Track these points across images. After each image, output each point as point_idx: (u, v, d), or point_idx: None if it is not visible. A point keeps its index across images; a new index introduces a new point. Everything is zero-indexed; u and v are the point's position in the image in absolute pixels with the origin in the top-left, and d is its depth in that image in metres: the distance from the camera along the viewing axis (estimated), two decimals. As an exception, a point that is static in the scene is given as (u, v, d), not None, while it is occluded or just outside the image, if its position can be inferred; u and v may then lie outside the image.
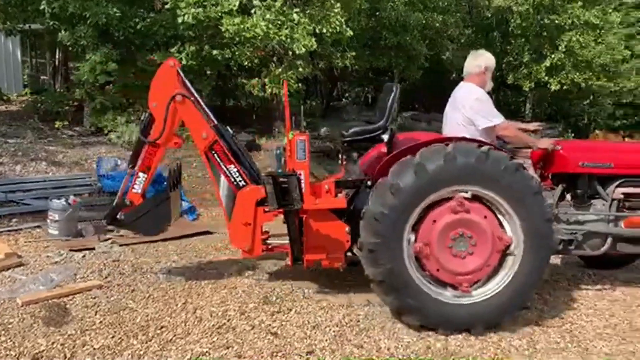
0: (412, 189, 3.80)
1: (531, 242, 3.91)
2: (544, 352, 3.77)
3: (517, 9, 17.23)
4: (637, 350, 3.80)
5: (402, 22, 12.76)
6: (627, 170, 4.59)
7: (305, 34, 8.72)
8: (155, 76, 4.66)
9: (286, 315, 4.28)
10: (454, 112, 4.60)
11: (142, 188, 4.70)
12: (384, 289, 3.96)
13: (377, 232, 3.84)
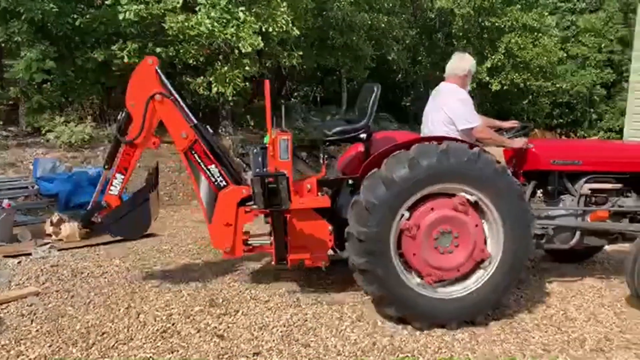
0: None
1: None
2: (485, 344, 3.88)
3: (459, 12, 17.73)
4: (571, 340, 3.97)
5: (349, 22, 12.86)
6: (594, 167, 4.79)
7: (251, 33, 8.65)
8: (133, 75, 4.50)
9: (233, 317, 4.23)
10: (436, 111, 4.66)
11: (119, 190, 4.58)
12: (368, 279, 3.98)
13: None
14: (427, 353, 3.74)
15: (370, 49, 14.33)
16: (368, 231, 3.88)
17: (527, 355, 3.74)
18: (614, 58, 22.69)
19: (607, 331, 4.13)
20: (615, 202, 4.85)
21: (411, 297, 3.99)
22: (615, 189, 4.84)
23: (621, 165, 4.82)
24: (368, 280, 3.99)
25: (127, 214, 4.59)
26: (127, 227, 4.67)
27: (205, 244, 6.12)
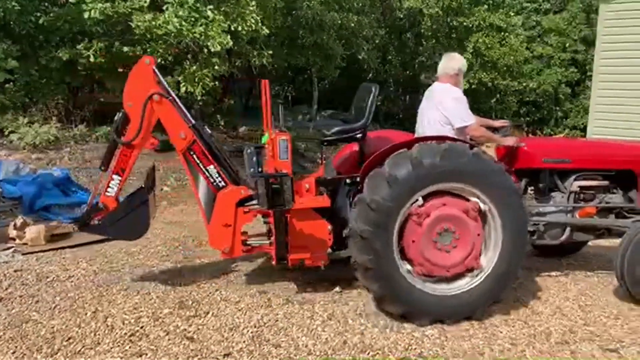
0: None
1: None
2: (454, 339, 3.94)
3: (428, 12, 17.90)
4: (538, 333, 4.06)
5: (318, 21, 12.85)
6: (583, 165, 4.95)
7: (220, 32, 8.56)
8: (130, 75, 4.45)
9: (203, 319, 4.19)
10: (432, 111, 4.72)
11: (116, 191, 4.51)
12: (370, 277, 4.03)
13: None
14: (397, 350, 3.77)
15: (340, 48, 14.35)
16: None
17: (494, 349, 3.81)
18: (578, 57, 23.21)
19: (572, 324, 4.23)
20: (603, 198, 5.02)
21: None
22: (602, 186, 5.03)
23: (608, 163, 4.99)
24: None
25: (126, 216, 4.53)
26: (126, 229, 4.59)
27: (175, 245, 6.05)
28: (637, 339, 4.01)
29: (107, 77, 10.31)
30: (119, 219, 4.52)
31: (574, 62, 23.60)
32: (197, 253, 5.81)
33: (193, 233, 6.51)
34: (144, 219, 4.61)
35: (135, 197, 4.66)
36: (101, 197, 4.55)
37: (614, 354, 3.79)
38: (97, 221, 4.58)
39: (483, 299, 4.18)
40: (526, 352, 3.78)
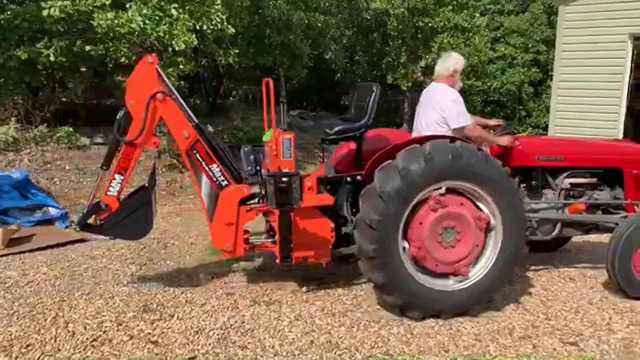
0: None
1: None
2: (419, 336, 3.97)
3: (394, 12, 18.05)
4: (501, 329, 4.13)
5: (285, 20, 12.80)
6: (573, 163, 5.12)
7: (184, 30, 8.45)
8: (133, 73, 4.39)
9: (167, 322, 4.13)
10: (430, 111, 4.78)
11: (118, 191, 4.44)
12: (374, 266, 4.08)
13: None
14: (364, 348, 3.79)
15: (307, 48, 14.33)
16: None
17: (459, 345, 3.86)
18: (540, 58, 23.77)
19: (534, 319, 4.32)
20: (591, 195, 5.20)
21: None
22: (591, 183, 5.21)
23: (597, 161, 5.17)
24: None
25: (130, 216, 4.46)
26: (129, 229, 4.52)
27: (139, 248, 5.94)
28: (596, 331, 4.13)
29: (68, 77, 10.03)
30: (122, 219, 4.45)
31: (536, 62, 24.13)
32: (162, 255, 5.73)
33: (158, 235, 6.40)
34: (148, 218, 4.55)
35: (139, 196, 4.61)
36: (103, 196, 4.47)
37: (574, 347, 3.88)
38: (98, 221, 4.49)
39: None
40: (490, 348, 3.84)
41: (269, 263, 5.49)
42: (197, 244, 6.15)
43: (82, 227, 4.56)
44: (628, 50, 8.69)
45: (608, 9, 8.72)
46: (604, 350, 3.85)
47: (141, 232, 4.62)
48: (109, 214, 4.44)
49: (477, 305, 4.33)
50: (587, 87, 8.80)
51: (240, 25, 11.44)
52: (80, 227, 4.56)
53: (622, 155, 5.21)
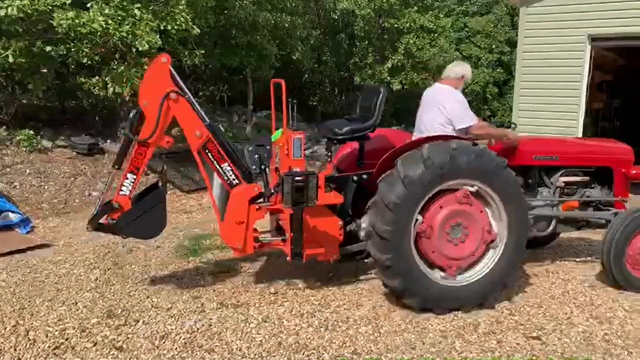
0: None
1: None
2: (387, 335, 4.01)
3: (360, 13, 18.16)
4: (466, 325, 4.20)
5: (252, 21, 12.73)
6: (568, 162, 5.33)
7: (148, 30, 8.32)
8: (146, 73, 4.43)
9: (132, 327, 4.06)
10: (433, 112, 4.86)
11: (130, 190, 4.41)
12: (391, 274, 4.22)
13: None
14: (331, 348, 3.80)
15: (274, 49, 14.28)
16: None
17: (426, 343, 3.91)
18: (504, 58, 24.26)
19: (498, 314, 4.41)
20: (584, 193, 5.42)
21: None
22: (584, 181, 5.43)
23: (589, 160, 5.39)
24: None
25: (144, 214, 4.44)
26: (143, 228, 4.51)
27: (104, 252, 5.82)
28: (558, 325, 4.24)
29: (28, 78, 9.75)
30: (136, 218, 4.44)
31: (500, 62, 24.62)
32: (128, 260, 5.62)
33: (123, 239, 6.27)
34: (161, 217, 4.54)
35: (153, 195, 4.58)
36: (115, 196, 4.44)
37: (536, 342, 3.97)
38: (110, 221, 4.47)
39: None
40: (456, 344, 3.90)
41: (236, 265, 5.46)
42: (164, 247, 6.07)
43: (94, 227, 4.56)
44: (586, 51, 8.94)
45: (567, 10, 8.96)
46: (565, 343, 3.95)
47: (155, 231, 4.63)
48: (123, 213, 4.43)
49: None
50: (547, 87, 9.03)
51: (205, 25, 11.32)
52: (93, 227, 4.56)
53: (611, 155, 5.46)
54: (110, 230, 4.60)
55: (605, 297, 4.83)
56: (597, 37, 8.87)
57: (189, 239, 6.29)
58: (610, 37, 8.86)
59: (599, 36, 8.86)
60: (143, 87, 4.41)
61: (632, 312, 4.51)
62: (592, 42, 8.93)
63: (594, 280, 5.26)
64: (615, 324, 4.30)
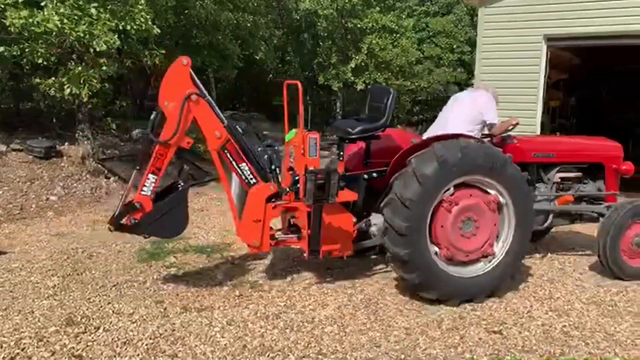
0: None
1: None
2: (352, 334, 4.02)
3: (323, 13, 18.20)
4: (430, 322, 4.25)
5: (213, 21, 12.62)
6: (564, 159, 5.65)
7: (106, 30, 8.13)
8: (167, 75, 4.44)
9: (93, 334, 3.95)
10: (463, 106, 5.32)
11: (152, 190, 4.44)
12: (409, 268, 4.37)
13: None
14: (297, 349, 3.78)
15: (237, 48, 14.19)
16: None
17: (391, 340, 3.94)
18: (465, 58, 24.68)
19: (461, 311, 4.47)
20: (578, 188, 5.76)
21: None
22: (578, 177, 5.76)
23: (584, 157, 5.72)
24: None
25: (167, 214, 4.49)
26: (166, 227, 4.56)
27: (63, 258, 5.66)
28: (518, 319, 4.33)
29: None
30: (159, 217, 4.47)
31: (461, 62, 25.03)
32: (88, 265, 5.48)
33: (83, 244, 6.14)
34: (184, 216, 4.59)
35: (176, 195, 4.62)
36: (136, 196, 4.45)
37: (498, 335, 4.05)
38: (132, 220, 4.47)
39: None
40: (419, 341, 3.94)
41: (200, 268, 5.40)
42: (125, 251, 5.94)
43: (116, 227, 4.54)
44: (542, 51, 9.18)
45: (523, 11, 9.18)
46: (525, 337, 4.04)
47: (178, 230, 4.66)
48: (145, 213, 4.43)
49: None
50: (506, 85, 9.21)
51: (165, 25, 11.17)
52: (115, 227, 4.55)
53: (603, 152, 5.78)
54: (132, 230, 4.63)
55: (564, 291, 4.97)
56: (552, 37, 9.12)
57: (151, 242, 6.17)
58: (565, 37, 9.12)
59: (554, 36, 9.11)
60: (163, 89, 4.45)
61: (589, 304, 4.65)
62: (548, 42, 9.17)
63: (552, 274, 5.41)
64: (573, 316, 4.42)
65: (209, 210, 8.19)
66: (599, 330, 4.17)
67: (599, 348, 3.88)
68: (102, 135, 11.43)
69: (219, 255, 5.89)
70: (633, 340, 4.01)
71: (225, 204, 8.53)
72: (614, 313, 4.49)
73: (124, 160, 10.45)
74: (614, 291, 4.98)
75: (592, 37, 8.91)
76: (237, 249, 6.12)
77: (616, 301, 4.75)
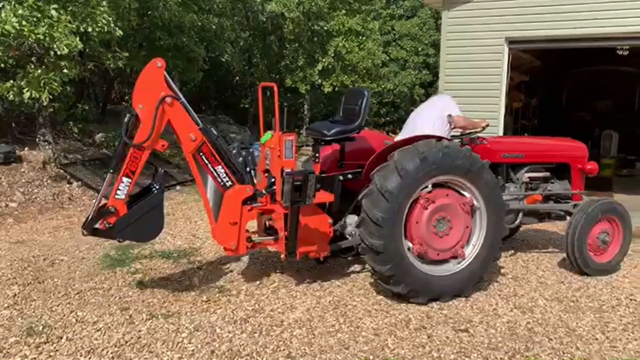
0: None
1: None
2: (321, 336, 4.02)
3: (289, 15, 18.18)
4: (398, 322, 4.29)
5: (177, 22, 12.45)
6: (532, 159, 5.83)
7: (67, 33, 7.93)
8: (141, 77, 4.38)
9: (55, 344, 3.85)
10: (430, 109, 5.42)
11: (125, 194, 4.38)
12: (381, 259, 4.41)
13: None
14: (266, 353, 3.76)
15: (202, 51, 14.04)
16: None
17: (359, 342, 3.95)
18: (429, 60, 25.04)
19: (428, 310, 4.53)
20: (545, 187, 5.94)
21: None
22: (545, 177, 5.94)
23: (551, 157, 5.93)
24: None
25: (142, 218, 4.42)
26: (141, 231, 4.50)
27: (23, 266, 5.49)
28: (484, 317, 4.41)
29: None
30: (134, 221, 4.40)
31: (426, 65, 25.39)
32: (50, 273, 5.33)
33: (45, 252, 5.97)
34: (160, 220, 4.53)
35: (151, 198, 4.52)
36: (110, 199, 4.37)
37: (465, 334, 4.11)
38: (107, 225, 4.39)
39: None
40: (388, 341, 3.96)
41: (167, 274, 5.32)
42: (89, 258, 5.81)
43: (89, 231, 4.45)
44: (504, 53, 9.36)
45: (486, 14, 9.34)
46: (491, 334, 4.11)
47: (153, 233, 4.62)
48: (120, 217, 4.37)
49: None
50: (470, 87, 9.37)
51: (128, 27, 10.96)
52: (89, 232, 4.45)
53: (569, 152, 5.97)
54: (107, 235, 4.54)
55: (528, 288, 5.08)
56: (513, 39, 9.31)
57: (115, 248, 6.05)
58: (526, 40, 9.32)
59: (515, 39, 9.30)
60: (137, 91, 4.38)
61: (551, 301, 4.77)
62: (509, 45, 9.35)
63: (517, 272, 5.53)
64: (537, 312, 4.52)
65: (175, 214, 8.08)
66: (561, 326, 4.28)
67: (562, 343, 3.98)
68: (64, 140, 11.17)
69: (186, 260, 5.82)
70: (594, 335, 4.13)
71: (192, 207, 8.50)
72: (576, 309, 4.62)
73: (87, 165, 10.22)
74: (575, 287, 5.12)
75: (551, 40, 9.13)
76: (204, 253, 6.06)
77: (577, 297, 4.88)
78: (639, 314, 4.54)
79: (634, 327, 4.28)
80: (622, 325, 4.31)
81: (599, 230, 5.39)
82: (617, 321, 4.38)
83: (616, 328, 4.26)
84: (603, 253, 5.46)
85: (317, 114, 22.65)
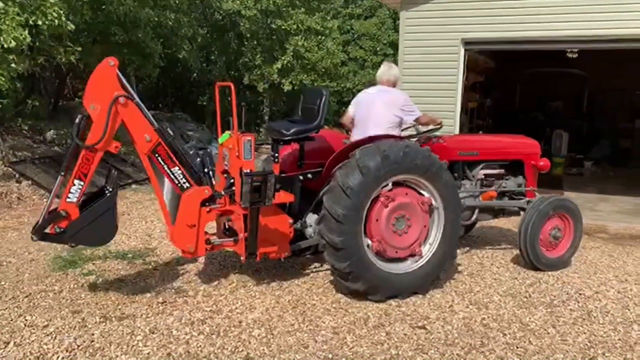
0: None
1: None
2: (279, 335, 3.99)
3: (247, 14, 18.01)
4: (357, 320, 4.31)
5: (132, 18, 12.15)
6: (487, 157, 5.95)
7: (14, 25, 7.63)
8: (93, 76, 4.21)
9: (2, 350, 3.69)
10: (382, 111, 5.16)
11: (77, 197, 4.22)
12: (341, 256, 4.43)
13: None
14: (224, 355, 3.71)
15: (158, 47, 13.75)
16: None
17: (318, 340, 3.95)
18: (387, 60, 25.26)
19: (386, 307, 4.56)
20: (500, 184, 6.05)
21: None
22: (500, 174, 6.07)
23: (505, 155, 6.06)
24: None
25: (94, 221, 4.28)
26: (94, 235, 4.37)
27: (-34, 269, 5.25)
28: (441, 314, 4.47)
29: None
30: (86, 225, 4.26)
31: (384, 64, 25.53)
32: (-4, 276, 5.12)
33: None
34: (113, 223, 4.41)
35: (103, 201, 4.37)
36: (61, 203, 4.20)
37: (422, 330, 4.16)
38: (57, 229, 4.22)
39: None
40: (347, 339, 3.97)
41: (121, 276, 5.18)
42: (39, 260, 5.60)
43: (40, 236, 4.27)
44: (460, 54, 9.53)
45: (442, 15, 9.49)
46: (448, 330, 4.18)
47: (107, 237, 4.50)
48: (71, 221, 4.22)
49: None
50: (427, 87, 9.50)
51: (81, 21, 10.64)
52: (39, 237, 4.24)
53: (523, 149, 6.13)
54: (58, 240, 4.36)
55: (483, 284, 5.19)
56: (469, 41, 9.49)
57: (67, 249, 5.85)
58: (481, 41, 9.52)
59: (471, 40, 9.48)
60: (89, 91, 4.22)
61: (506, 297, 4.88)
62: (465, 46, 9.54)
63: (472, 268, 5.64)
64: (492, 308, 4.62)
65: (130, 214, 7.88)
66: (515, 321, 4.39)
67: (516, 338, 4.08)
68: (13, 137, 10.73)
69: (141, 260, 5.68)
70: (546, 329, 4.25)
71: (148, 207, 8.31)
72: (529, 304, 4.74)
73: (38, 163, 9.85)
74: (528, 283, 5.26)
75: (506, 42, 9.36)
76: (160, 253, 5.94)
77: (530, 292, 5.02)
78: (587, 308, 4.70)
79: (583, 321, 4.43)
80: (572, 319, 4.46)
81: (551, 226, 5.55)
82: (567, 315, 4.53)
83: (566, 322, 4.39)
84: (555, 248, 5.64)
85: (276, 112, 22.55)
